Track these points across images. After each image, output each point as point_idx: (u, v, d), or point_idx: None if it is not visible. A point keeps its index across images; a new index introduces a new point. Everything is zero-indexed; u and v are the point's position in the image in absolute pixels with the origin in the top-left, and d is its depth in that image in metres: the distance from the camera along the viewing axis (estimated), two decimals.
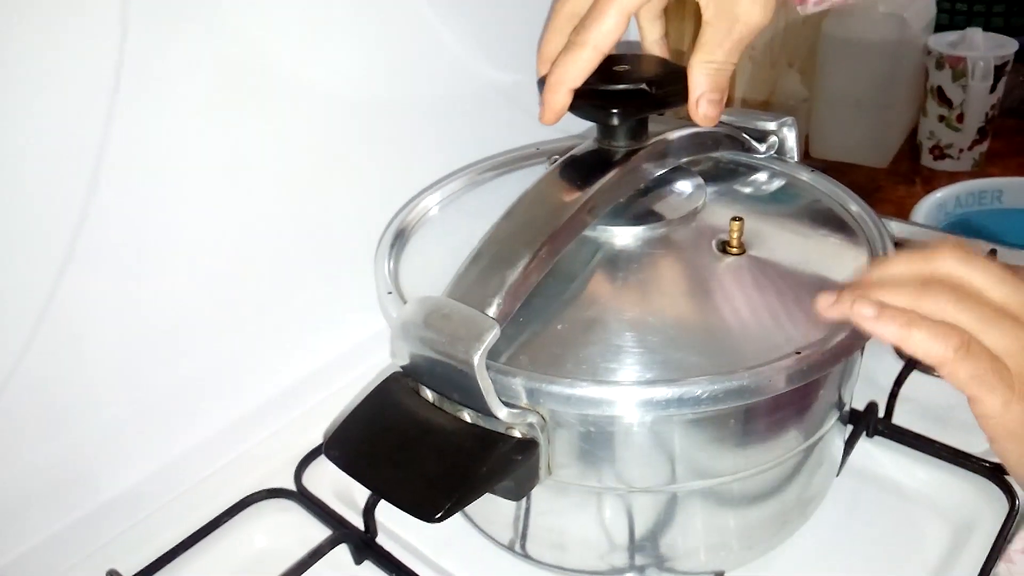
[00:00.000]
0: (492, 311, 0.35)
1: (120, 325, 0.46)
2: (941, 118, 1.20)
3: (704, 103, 0.42)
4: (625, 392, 0.35)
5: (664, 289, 0.41)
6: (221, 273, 0.51)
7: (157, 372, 0.49)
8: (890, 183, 1.22)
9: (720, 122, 0.48)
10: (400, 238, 0.48)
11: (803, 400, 0.40)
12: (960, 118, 1.19)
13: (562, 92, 0.41)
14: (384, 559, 0.46)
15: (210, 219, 0.49)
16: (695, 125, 0.43)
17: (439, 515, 0.33)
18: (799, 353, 0.36)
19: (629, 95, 0.42)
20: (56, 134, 0.40)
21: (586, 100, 0.42)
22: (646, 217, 0.43)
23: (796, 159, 0.51)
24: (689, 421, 0.37)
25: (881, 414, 0.52)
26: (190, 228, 0.48)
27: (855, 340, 0.37)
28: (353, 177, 0.56)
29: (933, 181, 1.17)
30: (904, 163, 1.27)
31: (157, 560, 0.46)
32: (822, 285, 0.38)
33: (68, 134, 0.40)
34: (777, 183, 0.50)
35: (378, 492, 0.42)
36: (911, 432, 0.50)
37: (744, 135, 0.51)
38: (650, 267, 0.42)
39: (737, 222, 0.42)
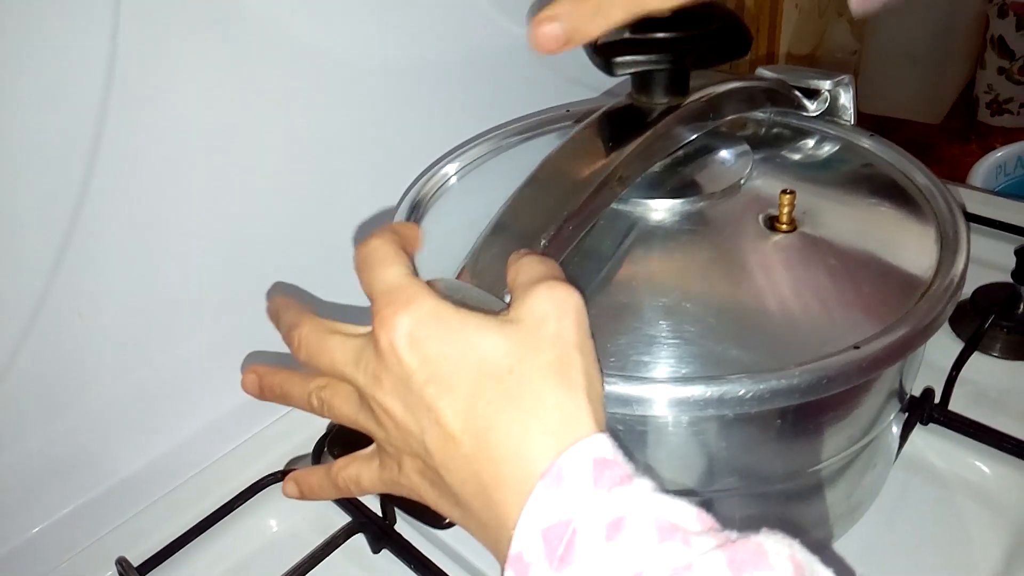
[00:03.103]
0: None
1: (123, 305, 0.44)
2: (1001, 70, 1.14)
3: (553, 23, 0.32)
4: (658, 390, 0.32)
5: (704, 272, 0.38)
6: (228, 252, 0.48)
7: (164, 349, 0.47)
8: (943, 140, 1.17)
9: (768, 78, 0.44)
10: (416, 210, 0.45)
11: (860, 397, 0.36)
12: (1022, 70, 1.12)
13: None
14: (402, 549, 0.44)
15: (214, 194, 0.47)
16: (740, 79, 0.39)
17: (448, 520, 0.31)
18: (858, 347, 0.32)
19: (668, 44, 0.38)
20: (53, 115, 0.38)
21: (618, 49, 0.38)
22: (685, 189, 0.40)
23: (853, 121, 0.47)
24: (730, 421, 0.34)
25: (936, 399, 0.48)
26: (194, 205, 0.46)
27: (922, 331, 0.33)
28: (367, 144, 0.52)
29: (990, 138, 1.13)
30: (958, 119, 1.22)
31: (166, 547, 0.45)
32: (884, 267, 0.34)
33: (66, 115, 0.38)
34: (831, 149, 0.46)
35: (384, 494, 0.39)
36: (969, 420, 0.47)
37: (794, 92, 0.47)
38: (688, 246, 0.39)
39: (788, 195, 0.38)
